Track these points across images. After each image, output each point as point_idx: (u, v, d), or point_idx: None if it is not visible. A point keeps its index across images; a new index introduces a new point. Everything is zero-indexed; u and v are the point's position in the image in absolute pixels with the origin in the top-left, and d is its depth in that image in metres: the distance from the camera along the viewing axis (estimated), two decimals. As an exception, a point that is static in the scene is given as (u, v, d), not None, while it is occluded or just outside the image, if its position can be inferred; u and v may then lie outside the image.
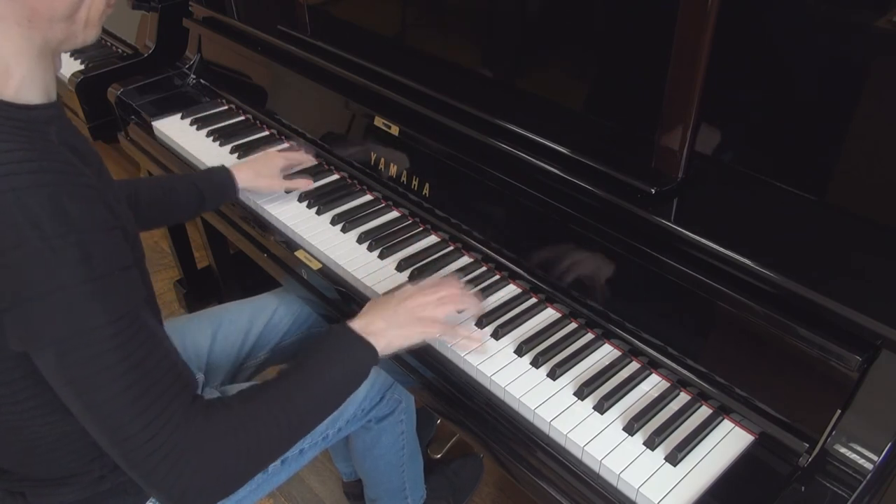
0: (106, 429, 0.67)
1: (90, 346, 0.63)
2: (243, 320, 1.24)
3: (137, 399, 0.66)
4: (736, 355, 0.86)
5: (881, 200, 0.90)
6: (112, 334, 0.64)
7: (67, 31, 0.69)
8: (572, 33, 1.10)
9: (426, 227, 1.21)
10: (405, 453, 1.32)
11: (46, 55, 0.69)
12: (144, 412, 0.66)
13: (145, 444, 0.67)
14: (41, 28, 0.66)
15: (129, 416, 0.66)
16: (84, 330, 0.63)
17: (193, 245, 2.09)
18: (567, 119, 1.13)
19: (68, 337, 0.63)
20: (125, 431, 0.66)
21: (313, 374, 0.81)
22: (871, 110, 0.87)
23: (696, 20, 0.84)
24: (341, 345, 0.85)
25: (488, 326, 0.99)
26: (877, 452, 0.73)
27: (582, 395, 0.89)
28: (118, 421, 0.66)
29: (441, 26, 1.30)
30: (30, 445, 0.79)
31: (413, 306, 0.90)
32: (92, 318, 0.63)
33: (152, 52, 1.81)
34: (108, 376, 0.65)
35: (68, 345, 0.63)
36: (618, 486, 0.81)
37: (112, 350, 0.64)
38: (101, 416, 0.66)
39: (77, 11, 0.68)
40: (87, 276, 0.62)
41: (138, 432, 0.66)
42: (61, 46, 0.70)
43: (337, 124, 1.39)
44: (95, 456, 0.84)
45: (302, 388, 0.80)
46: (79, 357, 0.63)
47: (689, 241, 0.88)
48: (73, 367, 0.64)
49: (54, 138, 0.67)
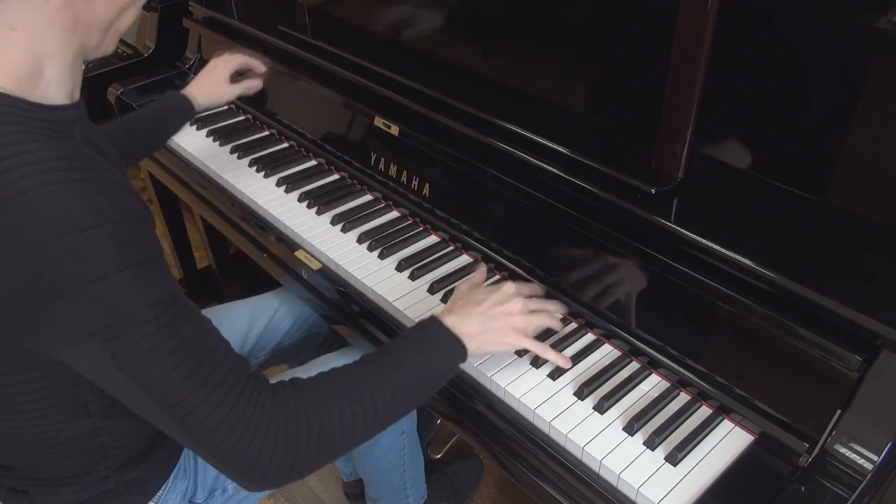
0: (166, 407, 0.66)
1: (135, 329, 0.64)
2: (244, 320, 1.24)
3: (192, 374, 0.66)
4: (736, 355, 0.86)
5: (881, 200, 0.90)
6: (155, 316, 0.64)
7: (100, 39, 0.71)
8: (572, 33, 1.10)
9: (426, 227, 1.21)
10: (406, 453, 1.32)
11: (78, 60, 0.71)
12: (202, 385, 0.66)
13: (208, 418, 0.66)
14: (81, 34, 0.68)
15: (186, 391, 0.66)
16: (127, 316, 0.63)
17: (193, 245, 2.09)
18: (567, 119, 1.13)
19: (112, 324, 0.63)
20: (185, 407, 0.66)
21: (396, 364, 0.78)
22: (872, 110, 0.87)
23: (696, 20, 0.84)
24: (431, 338, 0.82)
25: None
26: (877, 452, 0.73)
27: (582, 395, 0.89)
28: (176, 397, 0.66)
29: (441, 26, 1.30)
30: (35, 445, 0.79)
31: (508, 311, 0.88)
32: (133, 304, 0.63)
33: (152, 52, 1.81)
34: (159, 355, 0.65)
35: (113, 332, 0.63)
36: (618, 486, 0.81)
37: (158, 331, 0.65)
38: (158, 395, 0.66)
39: (113, 22, 0.71)
40: (124, 263, 0.63)
41: (198, 406, 0.66)
42: (91, 53, 0.72)
43: (337, 124, 1.39)
44: (100, 457, 0.84)
45: (381, 376, 0.77)
46: (126, 341, 0.64)
47: (689, 241, 0.88)
48: (122, 353, 0.64)
49: (79, 137, 0.69)
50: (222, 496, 1.03)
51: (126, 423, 0.83)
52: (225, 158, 1.45)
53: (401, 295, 1.06)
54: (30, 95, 0.66)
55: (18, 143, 0.62)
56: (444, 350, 0.82)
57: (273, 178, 1.37)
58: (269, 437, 0.69)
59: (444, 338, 0.83)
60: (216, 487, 1.02)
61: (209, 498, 1.01)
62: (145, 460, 0.90)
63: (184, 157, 1.50)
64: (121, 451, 0.86)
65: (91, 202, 0.62)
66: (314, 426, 0.72)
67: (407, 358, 0.79)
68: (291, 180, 1.35)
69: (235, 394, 0.68)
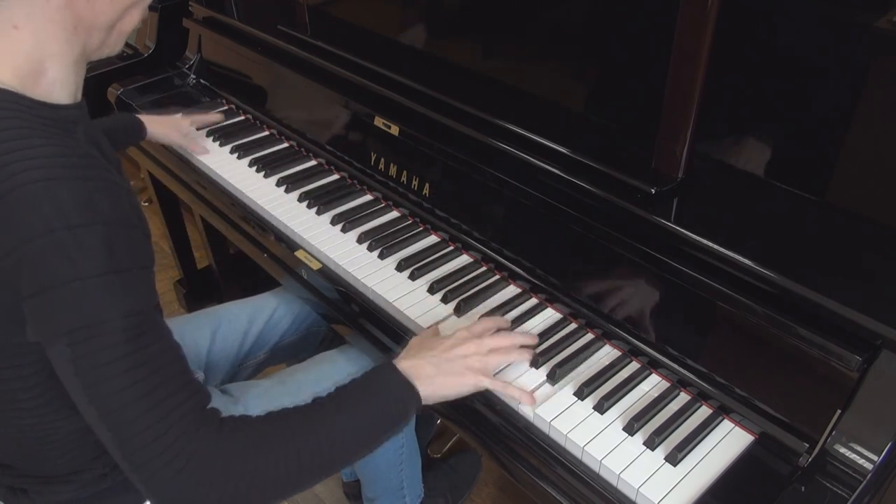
0: (111, 425, 0.65)
1: (101, 337, 0.62)
2: (243, 320, 1.24)
3: (144, 397, 0.64)
4: (736, 355, 0.86)
5: (881, 200, 0.90)
6: (123, 328, 0.63)
7: (104, 40, 0.72)
8: (572, 33, 1.10)
9: (426, 227, 1.21)
10: (404, 452, 1.32)
11: (81, 61, 0.72)
12: (150, 411, 0.64)
13: (149, 446, 0.64)
14: (83, 35, 0.69)
15: (133, 414, 0.64)
16: (97, 321, 0.62)
17: (193, 245, 2.09)
18: (567, 119, 1.13)
19: (81, 327, 0.62)
20: (129, 430, 0.64)
21: (346, 407, 0.76)
22: (871, 110, 0.87)
23: (696, 20, 0.84)
24: (384, 384, 0.80)
25: (488, 326, 0.99)
26: (877, 452, 0.73)
27: (582, 395, 0.89)
28: (123, 418, 0.64)
29: (441, 26, 1.30)
30: (35, 443, 0.79)
31: (464, 354, 0.86)
32: (105, 310, 0.62)
33: (152, 51, 1.81)
34: (116, 370, 0.63)
35: (80, 335, 0.62)
36: (618, 486, 0.81)
37: (122, 344, 0.63)
38: (105, 411, 0.64)
39: (117, 23, 0.72)
40: (106, 267, 0.62)
41: (142, 431, 0.64)
42: (95, 54, 0.73)
43: (337, 124, 1.39)
44: (98, 454, 0.84)
45: (331, 419, 0.75)
46: (88, 348, 0.62)
47: (689, 241, 0.88)
48: (81, 359, 0.63)
49: (81, 136, 0.69)
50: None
51: None
52: (225, 158, 1.45)
53: (401, 295, 1.06)
54: (33, 93, 0.67)
55: (21, 137, 0.62)
56: (397, 396, 0.80)
57: (273, 178, 1.37)
58: (205, 480, 0.66)
59: (396, 383, 0.80)
60: None
61: None
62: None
63: (183, 157, 1.50)
64: None
65: (88, 201, 0.62)
66: (254, 472, 0.68)
67: (358, 403, 0.77)
68: (291, 180, 1.35)
69: (183, 425, 0.66)
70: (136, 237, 0.66)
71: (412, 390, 0.80)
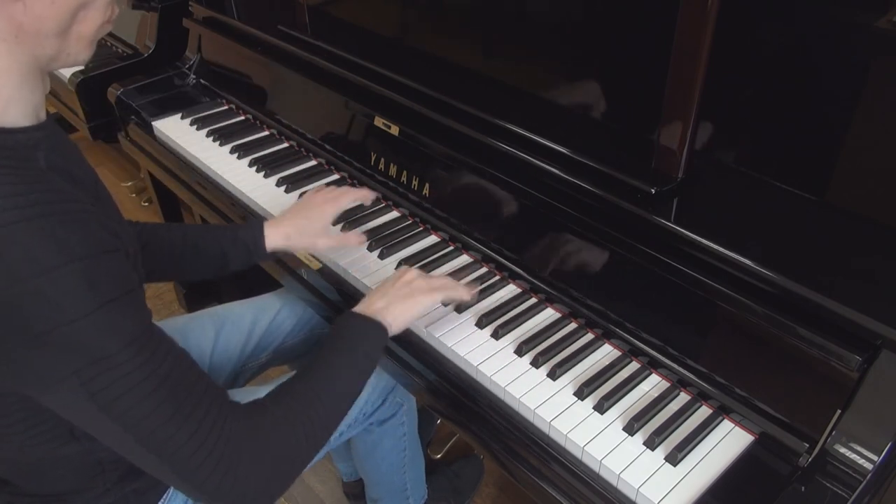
0: (152, 447, 0.65)
1: (111, 371, 0.61)
2: (246, 320, 1.24)
3: (176, 412, 0.65)
4: (736, 355, 0.86)
5: (881, 200, 0.90)
6: (130, 357, 0.62)
7: (58, 47, 0.64)
8: (572, 33, 1.10)
9: (426, 227, 1.21)
10: (407, 454, 1.32)
11: (35, 74, 0.65)
12: (186, 422, 0.65)
13: (195, 455, 0.65)
14: (28, 44, 0.62)
15: (172, 429, 0.64)
16: (102, 357, 0.60)
17: (193, 245, 2.08)
18: (567, 119, 1.13)
19: (87, 366, 0.60)
20: (172, 445, 0.65)
21: (334, 366, 0.82)
22: (871, 110, 0.87)
23: (696, 19, 0.84)
24: (352, 330, 0.86)
25: (488, 327, 0.99)
26: (877, 452, 0.73)
27: (582, 395, 0.89)
28: (162, 436, 0.64)
29: (441, 26, 1.30)
30: (32, 466, 0.78)
31: (408, 281, 0.93)
32: (107, 344, 0.61)
33: (152, 52, 1.81)
34: (139, 396, 0.63)
35: (89, 373, 0.60)
36: (618, 486, 0.81)
37: (135, 371, 0.62)
38: (143, 435, 0.64)
39: (70, 27, 0.64)
40: (94, 303, 0.60)
41: (185, 443, 0.65)
42: (51, 64, 0.66)
43: (337, 124, 1.39)
44: (98, 472, 0.82)
45: (326, 380, 0.81)
46: (103, 383, 0.61)
47: (689, 241, 0.88)
48: (100, 394, 0.61)
49: (42, 164, 0.63)
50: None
51: None
52: (225, 158, 1.45)
53: (401, 295, 1.06)
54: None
55: None
56: (370, 336, 0.86)
57: (273, 178, 1.37)
58: (254, 468, 0.69)
59: (365, 326, 0.87)
60: None
61: None
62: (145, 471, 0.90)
63: (183, 157, 1.50)
64: (118, 465, 0.84)
65: (54, 239, 0.58)
66: (287, 445, 0.73)
67: (343, 357, 0.83)
68: (291, 180, 1.35)
69: (219, 427, 0.67)
70: (114, 263, 0.63)
71: (379, 326, 0.87)
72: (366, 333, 0.86)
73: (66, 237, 0.58)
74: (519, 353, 0.95)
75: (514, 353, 0.95)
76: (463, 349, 0.96)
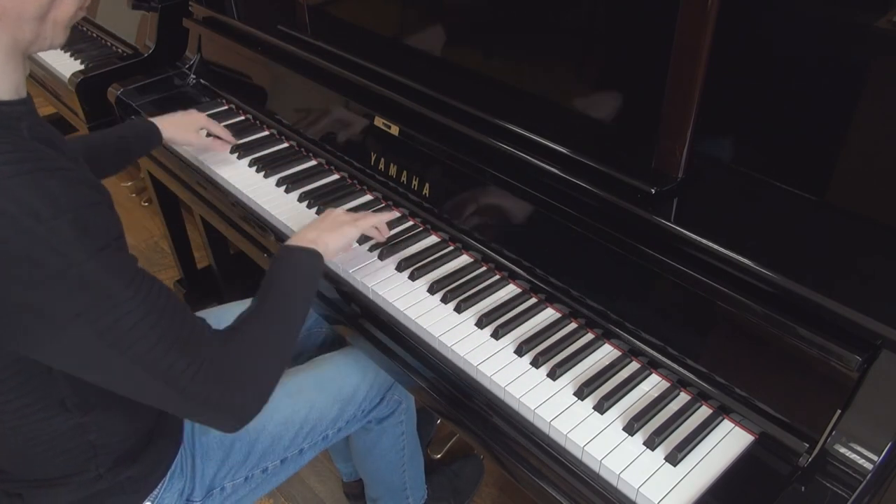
0: (158, 374, 0.71)
1: (118, 307, 0.67)
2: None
3: (175, 342, 0.71)
4: (736, 355, 0.86)
5: (881, 200, 0.90)
6: (131, 296, 0.68)
7: (37, 31, 0.70)
8: (572, 33, 1.10)
9: (426, 227, 1.21)
10: (406, 453, 1.32)
11: (16, 54, 0.70)
12: (185, 348, 0.72)
13: (196, 376, 0.73)
14: (10, 27, 0.68)
15: (174, 356, 0.71)
16: (105, 297, 0.66)
17: (193, 245, 2.09)
18: (567, 119, 1.13)
19: (94, 305, 0.66)
20: (175, 370, 0.71)
21: (284, 291, 0.91)
22: (871, 110, 0.87)
23: (696, 19, 0.84)
24: (295, 261, 0.95)
25: (488, 327, 0.99)
26: (877, 452, 0.73)
27: (582, 395, 0.89)
28: (166, 362, 0.71)
29: (441, 26, 1.30)
30: (24, 446, 0.80)
31: (336, 216, 1.07)
32: (110, 286, 0.67)
33: (152, 51, 1.81)
34: (144, 328, 0.69)
35: (95, 313, 0.66)
36: (618, 486, 0.81)
37: (138, 307, 0.69)
38: (150, 363, 0.70)
39: (48, 12, 0.70)
40: (93, 248, 0.66)
41: (187, 367, 0.72)
42: (30, 48, 0.71)
43: (337, 124, 1.39)
44: (90, 455, 0.84)
45: (281, 304, 0.89)
46: (111, 319, 0.67)
47: (689, 241, 0.88)
48: (108, 332, 0.67)
49: (25, 133, 0.69)
50: (220, 494, 1.03)
51: (109, 418, 0.84)
52: (225, 158, 1.45)
53: (401, 295, 1.06)
54: None
55: None
56: (308, 263, 0.96)
57: (273, 178, 1.37)
58: (247, 379, 0.79)
59: (302, 256, 0.96)
60: (214, 486, 1.02)
61: (207, 496, 1.01)
62: (139, 459, 0.90)
63: (183, 157, 1.50)
64: (110, 449, 0.86)
65: (45, 192, 0.63)
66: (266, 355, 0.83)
67: (289, 284, 0.92)
68: (291, 180, 1.35)
69: (213, 351, 0.76)
70: (100, 213, 0.69)
71: (315, 252, 0.97)
72: (305, 260, 0.96)
73: (54, 188, 0.64)
74: (519, 353, 0.95)
75: (514, 352, 0.95)
76: (463, 349, 0.96)
